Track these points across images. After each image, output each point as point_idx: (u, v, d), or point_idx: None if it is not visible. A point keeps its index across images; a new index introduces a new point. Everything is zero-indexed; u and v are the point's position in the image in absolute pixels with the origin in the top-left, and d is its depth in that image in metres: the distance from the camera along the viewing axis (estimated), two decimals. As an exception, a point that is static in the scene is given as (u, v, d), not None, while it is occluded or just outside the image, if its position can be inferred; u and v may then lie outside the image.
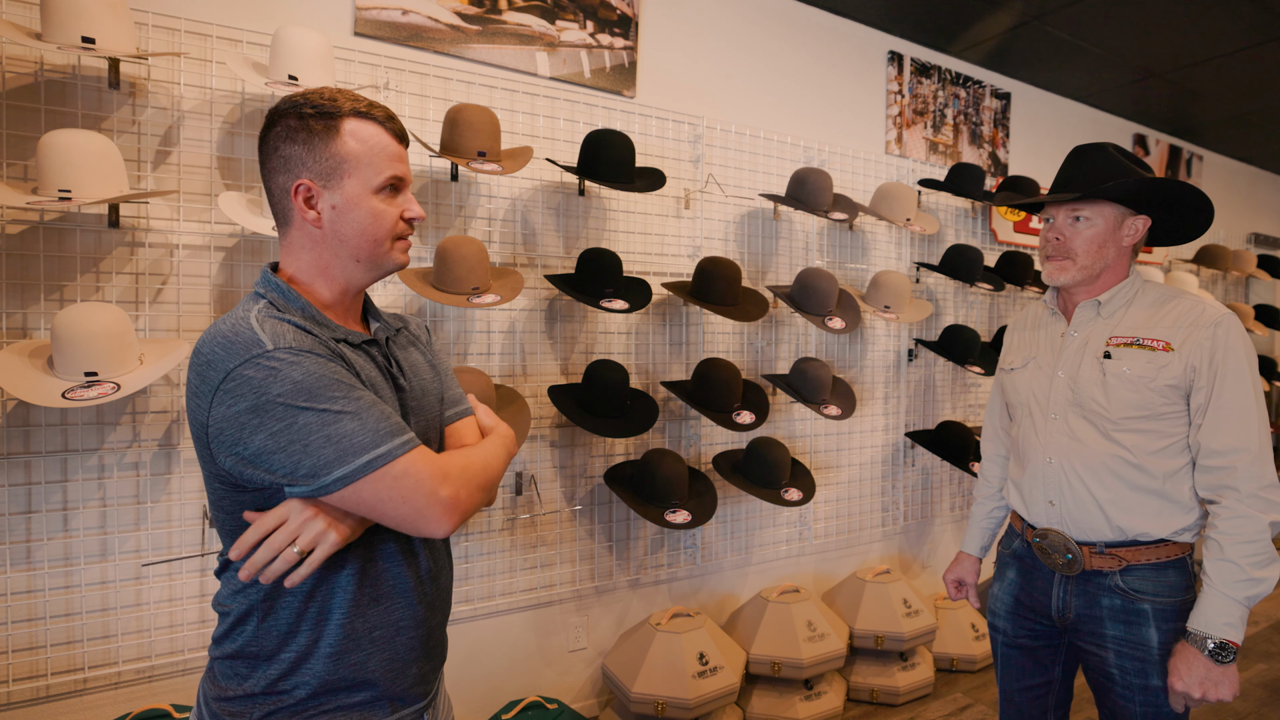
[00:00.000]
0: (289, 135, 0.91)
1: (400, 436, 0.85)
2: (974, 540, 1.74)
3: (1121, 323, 1.39)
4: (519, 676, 2.38)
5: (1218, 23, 3.13)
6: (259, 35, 1.91)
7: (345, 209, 0.92)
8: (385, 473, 0.83)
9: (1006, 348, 1.65)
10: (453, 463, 0.90)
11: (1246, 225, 5.44)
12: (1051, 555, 1.43)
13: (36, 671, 1.72)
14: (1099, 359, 1.38)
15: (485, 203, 2.29)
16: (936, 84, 3.49)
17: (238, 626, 0.90)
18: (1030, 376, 1.51)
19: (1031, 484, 1.47)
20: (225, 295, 1.91)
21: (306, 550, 0.84)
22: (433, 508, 0.85)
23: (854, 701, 2.68)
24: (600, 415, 2.25)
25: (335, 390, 0.83)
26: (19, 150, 1.69)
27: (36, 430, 1.71)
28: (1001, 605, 1.58)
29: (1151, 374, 1.31)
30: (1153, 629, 1.33)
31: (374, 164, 0.92)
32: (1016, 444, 1.55)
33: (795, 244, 2.98)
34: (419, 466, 0.85)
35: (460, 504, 0.88)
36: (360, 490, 0.82)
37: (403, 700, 0.96)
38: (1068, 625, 1.45)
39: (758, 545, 2.89)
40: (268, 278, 0.94)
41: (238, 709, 0.88)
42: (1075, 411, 1.40)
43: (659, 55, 2.65)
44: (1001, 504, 1.71)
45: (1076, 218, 1.39)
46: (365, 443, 0.82)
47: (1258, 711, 2.66)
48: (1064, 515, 1.41)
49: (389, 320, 1.08)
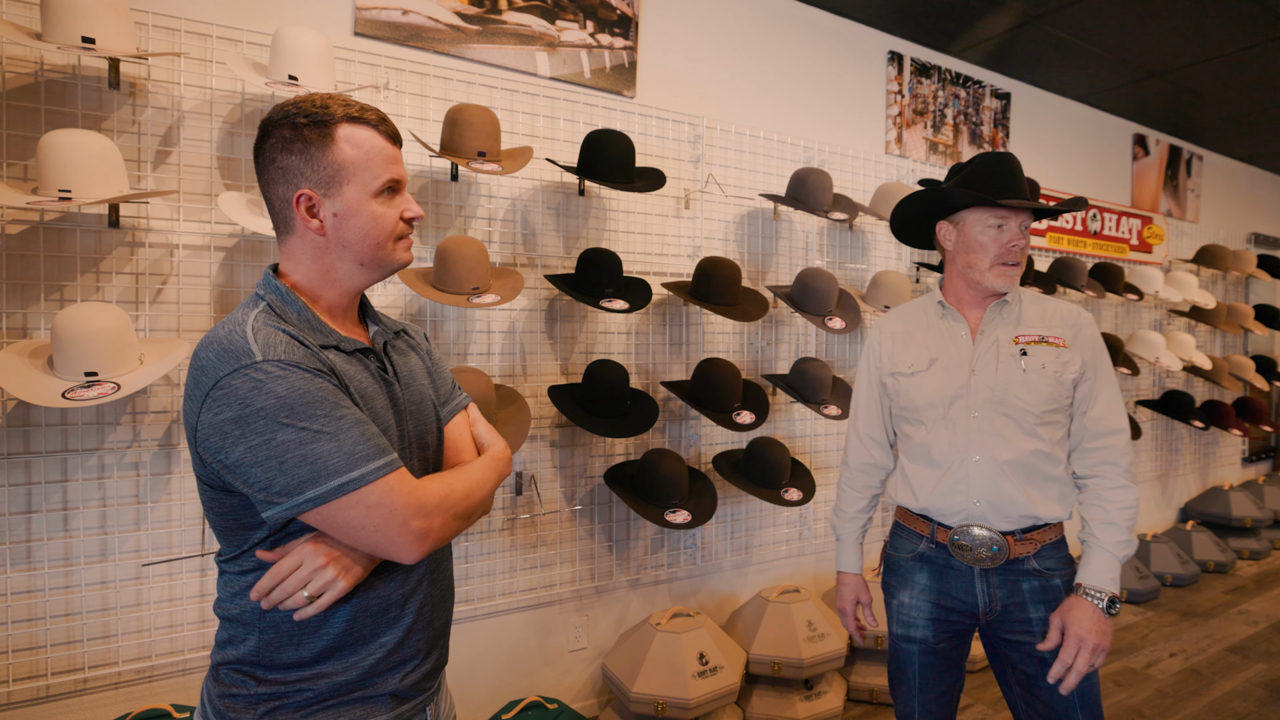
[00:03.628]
0: (284, 146, 0.91)
1: (376, 460, 0.84)
2: (856, 557, 1.66)
3: (1020, 322, 1.48)
4: (519, 676, 2.38)
5: (1218, 23, 3.13)
6: (259, 35, 1.91)
7: (346, 215, 0.92)
8: (358, 498, 0.82)
9: (887, 351, 1.58)
10: (431, 492, 0.89)
11: (1246, 225, 5.44)
12: (974, 550, 1.43)
13: (36, 671, 1.72)
14: (1015, 356, 1.44)
15: (485, 203, 2.29)
16: (936, 84, 3.49)
17: (240, 631, 0.90)
18: (939, 378, 1.48)
19: (950, 484, 1.45)
20: (225, 295, 1.91)
21: (316, 595, 0.87)
22: (402, 538, 0.85)
23: (854, 701, 2.68)
24: (600, 415, 2.25)
25: (317, 408, 0.82)
26: (19, 150, 1.69)
27: (36, 430, 1.71)
28: (918, 613, 1.51)
29: (1060, 369, 1.43)
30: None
31: (371, 169, 0.93)
32: (919, 447, 1.50)
33: (795, 244, 2.98)
34: (394, 495, 0.84)
35: (432, 535, 0.87)
36: (333, 513, 0.82)
37: (405, 697, 0.96)
38: (994, 619, 1.46)
39: (758, 545, 2.89)
40: (269, 280, 0.94)
41: (241, 706, 0.88)
42: (996, 409, 1.43)
43: (659, 55, 2.65)
44: (869, 515, 1.66)
45: (1027, 227, 1.46)
46: (340, 465, 0.82)
47: (1258, 711, 2.66)
48: (987, 510, 1.42)
49: (388, 324, 1.08)
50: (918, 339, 1.54)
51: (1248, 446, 5.38)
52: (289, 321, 0.90)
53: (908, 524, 1.56)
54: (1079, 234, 4.13)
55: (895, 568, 1.57)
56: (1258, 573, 4.22)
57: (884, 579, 1.61)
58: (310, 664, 0.89)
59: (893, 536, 1.60)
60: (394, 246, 0.97)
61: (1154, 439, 4.57)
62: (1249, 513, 4.57)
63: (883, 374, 1.59)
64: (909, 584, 1.53)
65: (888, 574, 1.60)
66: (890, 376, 1.57)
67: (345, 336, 0.95)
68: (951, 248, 1.51)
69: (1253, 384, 4.58)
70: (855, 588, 1.64)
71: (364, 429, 0.85)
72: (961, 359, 1.48)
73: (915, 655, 1.52)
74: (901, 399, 1.54)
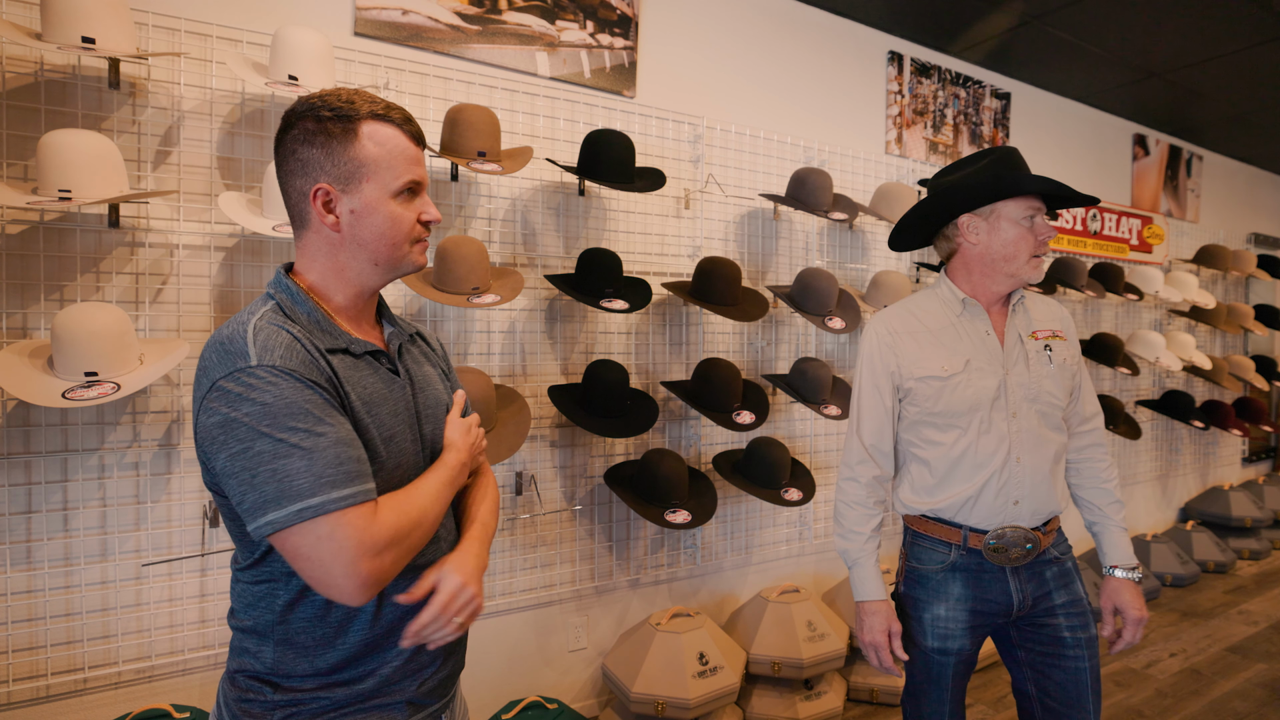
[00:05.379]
0: (307, 138, 0.90)
1: (344, 488, 0.79)
2: (879, 582, 1.47)
3: (1030, 318, 1.50)
4: (519, 676, 2.38)
5: (1218, 23, 3.13)
6: (259, 35, 1.91)
7: (364, 213, 0.91)
8: (311, 528, 0.78)
9: (906, 353, 1.46)
10: (385, 526, 0.82)
11: (1246, 225, 5.44)
12: (1009, 551, 1.41)
13: (37, 671, 1.72)
14: (1041, 352, 1.45)
15: (485, 203, 2.29)
16: (936, 84, 3.49)
17: (255, 641, 0.89)
18: (977, 380, 1.41)
19: (994, 488, 1.40)
20: (225, 295, 1.91)
21: (465, 621, 0.90)
22: (349, 580, 0.79)
23: (854, 701, 2.68)
24: (600, 415, 2.25)
25: (299, 420, 0.79)
26: (19, 150, 1.69)
27: (37, 430, 1.71)
28: (956, 624, 1.44)
29: (1069, 361, 1.49)
30: (1078, 582, 1.50)
31: (393, 168, 0.91)
32: (954, 453, 1.42)
33: (795, 244, 2.98)
34: (348, 532, 0.79)
35: (383, 576, 0.82)
36: (287, 537, 0.79)
37: (421, 704, 0.96)
38: (1024, 613, 1.46)
39: (758, 545, 2.89)
40: (280, 279, 0.93)
41: (258, 711, 0.88)
42: (1031, 407, 1.43)
43: (659, 55, 2.65)
44: (881, 531, 1.52)
45: (1052, 218, 1.49)
46: (304, 487, 0.78)
47: (1258, 711, 2.66)
48: (1024, 509, 1.42)
49: (403, 325, 1.07)
50: (941, 338, 1.45)
51: (1248, 446, 5.38)
52: (297, 322, 0.88)
53: (932, 533, 1.47)
54: (1079, 234, 4.13)
55: (924, 580, 1.47)
56: (1258, 573, 4.22)
57: (907, 593, 1.51)
58: (327, 674, 0.88)
59: (913, 548, 1.51)
60: (410, 249, 0.95)
61: (1154, 439, 4.57)
62: (1249, 513, 4.57)
63: (903, 377, 1.46)
64: (942, 596, 1.45)
65: (913, 588, 1.49)
66: (918, 380, 1.44)
67: (356, 338, 0.93)
68: (979, 240, 1.43)
69: (1253, 384, 4.58)
70: (886, 617, 1.46)
71: (342, 450, 0.81)
72: (993, 358, 1.43)
73: (950, 666, 1.45)
74: (934, 403, 1.43)
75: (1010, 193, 1.39)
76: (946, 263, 1.53)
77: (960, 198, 1.42)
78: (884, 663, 1.46)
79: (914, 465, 1.50)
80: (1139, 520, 4.52)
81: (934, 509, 1.45)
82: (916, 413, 1.47)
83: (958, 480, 1.42)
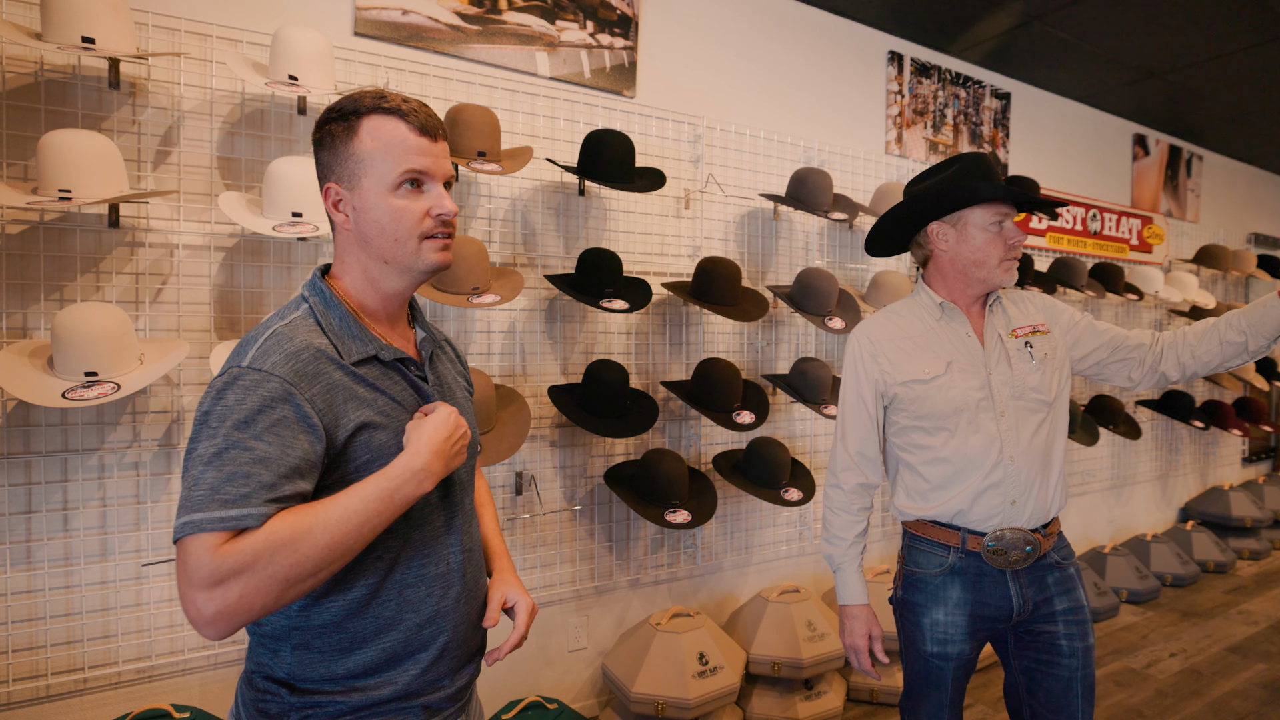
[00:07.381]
0: (320, 142, 0.93)
1: (228, 510, 0.73)
2: (861, 586, 1.53)
3: (1011, 315, 1.50)
4: (519, 676, 2.38)
5: (1218, 23, 3.13)
6: (259, 35, 1.91)
7: (364, 209, 0.90)
8: (181, 546, 0.74)
9: (888, 359, 1.49)
10: (235, 553, 0.73)
11: (1246, 225, 5.44)
12: (1009, 553, 1.41)
13: (37, 671, 1.72)
14: (1022, 349, 1.45)
15: (485, 203, 2.29)
16: (936, 84, 3.49)
17: (272, 645, 0.89)
18: (960, 381, 1.43)
19: (986, 488, 1.41)
20: (225, 295, 1.91)
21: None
22: (190, 609, 0.73)
23: (854, 701, 2.68)
24: (600, 415, 2.25)
25: (245, 428, 0.77)
26: (19, 150, 1.69)
27: (36, 430, 1.71)
28: (956, 629, 1.44)
29: (1061, 355, 1.49)
30: (1080, 589, 1.48)
31: (389, 159, 0.89)
32: (944, 455, 1.43)
33: (795, 244, 2.98)
34: (198, 558, 0.72)
35: (230, 617, 0.73)
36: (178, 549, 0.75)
37: (438, 708, 0.96)
38: (1025, 618, 1.45)
39: (758, 545, 2.89)
40: (315, 282, 0.93)
41: (275, 712, 0.88)
42: (1018, 404, 1.43)
43: (659, 55, 2.65)
44: (865, 537, 1.57)
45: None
46: (197, 499, 0.74)
47: (1258, 711, 2.66)
48: (1021, 509, 1.41)
49: (435, 332, 1.07)
50: (922, 343, 1.48)
51: (1248, 446, 5.38)
52: (328, 331, 0.88)
53: (930, 536, 1.47)
54: (1079, 234, 4.13)
55: (922, 585, 1.48)
56: (1258, 573, 4.22)
57: (905, 597, 1.52)
58: (344, 679, 0.88)
59: (910, 552, 1.52)
60: (419, 245, 0.91)
61: (1154, 439, 4.57)
62: (1249, 513, 4.57)
63: (887, 384, 1.49)
64: (941, 600, 1.45)
65: (912, 592, 1.50)
66: (902, 385, 1.47)
67: (386, 345, 0.93)
68: (948, 247, 1.47)
69: (1253, 384, 4.58)
70: (867, 621, 1.51)
71: (262, 468, 0.76)
72: (975, 359, 1.45)
73: (950, 671, 1.46)
74: (919, 407, 1.45)
75: (972, 200, 1.42)
76: (923, 269, 1.56)
77: (928, 205, 1.46)
78: (863, 665, 1.52)
79: (907, 472, 1.52)
80: (1139, 520, 4.52)
81: (930, 514, 1.47)
82: (904, 418, 1.49)
83: (952, 483, 1.44)
